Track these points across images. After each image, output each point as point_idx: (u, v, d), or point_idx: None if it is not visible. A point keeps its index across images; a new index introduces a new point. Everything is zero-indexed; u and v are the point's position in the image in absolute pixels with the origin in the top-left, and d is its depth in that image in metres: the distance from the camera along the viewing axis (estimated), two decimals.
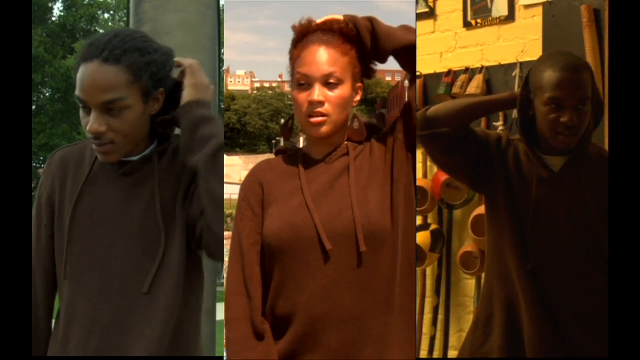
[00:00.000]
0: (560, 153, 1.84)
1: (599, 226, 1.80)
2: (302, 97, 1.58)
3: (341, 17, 1.60)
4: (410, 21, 3.39)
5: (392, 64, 2.08)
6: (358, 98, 1.64)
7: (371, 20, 1.57)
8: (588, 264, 1.82)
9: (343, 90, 1.58)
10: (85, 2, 30.64)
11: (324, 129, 1.57)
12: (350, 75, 1.59)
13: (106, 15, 30.59)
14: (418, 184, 3.37)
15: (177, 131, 1.58)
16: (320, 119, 1.56)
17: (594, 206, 1.81)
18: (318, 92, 1.56)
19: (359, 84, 1.64)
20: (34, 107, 30.18)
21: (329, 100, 1.56)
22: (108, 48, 1.41)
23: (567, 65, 1.77)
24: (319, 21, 1.62)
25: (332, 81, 1.57)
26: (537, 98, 1.81)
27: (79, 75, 1.42)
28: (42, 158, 33.99)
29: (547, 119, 1.77)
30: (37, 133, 29.12)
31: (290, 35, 1.62)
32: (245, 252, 1.59)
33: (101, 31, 29.98)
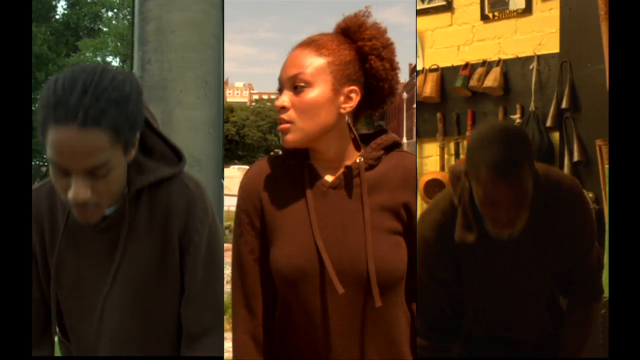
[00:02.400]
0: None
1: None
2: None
3: None
4: (410, 34, 3.39)
5: None
6: (350, 104, 1.43)
7: None
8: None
9: (310, 94, 1.40)
10: (88, 0, 30.69)
11: (289, 137, 1.40)
12: (327, 77, 1.40)
13: (110, 13, 30.64)
14: (435, 176, 3.39)
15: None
16: (284, 125, 1.41)
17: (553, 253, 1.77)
18: (282, 98, 1.41)
19: (350, 88, 1.43)
20: (37, 105, 30.36)
21: (294, 106, 1.40)
22: (82, 109, 1.19)
23: (501, 166, 1.58)
24: None
25: (298, 84, 1.40)
26: (473, 185, 1.68)
27: (51, 138, 1.21)
28: (45, 156, 34.08)
29: (484, 211, 1.67)
30: None
31: (288, 48, 1.46)
32: (248, 270, 1.49)
33: (105, 29, 30.05)
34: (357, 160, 1.46)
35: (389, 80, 1.46)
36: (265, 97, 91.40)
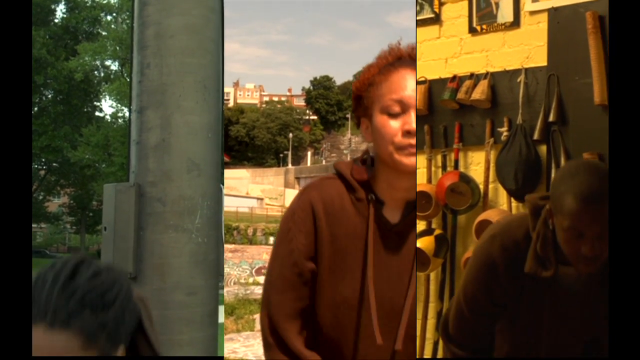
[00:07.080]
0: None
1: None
2: (394, 125, 1.39)
3: None
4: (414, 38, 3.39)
5: None
6: None
7: None
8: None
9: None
10: (87, 4, 30.67)
11: (414, 161, 1.41)
12: None
13: (109, 17, 30.63)
14: (422, 189, 3.38)
15: None
16: (414, 150, 1.40)
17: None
18: (414, 121, 1.40)
19: None
20: (36, 109, 30.21)
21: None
22: (51, 308, 1.07)
23: (589, 195, 1.61)
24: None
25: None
26: (556, 218, 1.71)
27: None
28: (43, 159, 33.99)
29: (567, 245, 1.69)
30: (39, 135, 29.11)
31: (300, 51, 1.39)
32: (293, 284, 1.55)
33: (104, 33, 30.08)
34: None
35: None
36: (275, 99, 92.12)
